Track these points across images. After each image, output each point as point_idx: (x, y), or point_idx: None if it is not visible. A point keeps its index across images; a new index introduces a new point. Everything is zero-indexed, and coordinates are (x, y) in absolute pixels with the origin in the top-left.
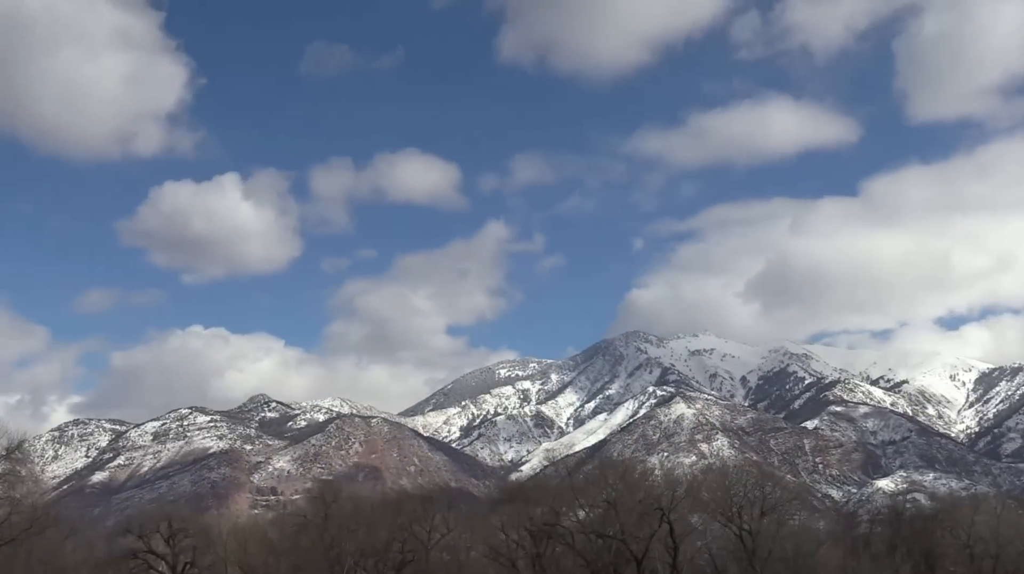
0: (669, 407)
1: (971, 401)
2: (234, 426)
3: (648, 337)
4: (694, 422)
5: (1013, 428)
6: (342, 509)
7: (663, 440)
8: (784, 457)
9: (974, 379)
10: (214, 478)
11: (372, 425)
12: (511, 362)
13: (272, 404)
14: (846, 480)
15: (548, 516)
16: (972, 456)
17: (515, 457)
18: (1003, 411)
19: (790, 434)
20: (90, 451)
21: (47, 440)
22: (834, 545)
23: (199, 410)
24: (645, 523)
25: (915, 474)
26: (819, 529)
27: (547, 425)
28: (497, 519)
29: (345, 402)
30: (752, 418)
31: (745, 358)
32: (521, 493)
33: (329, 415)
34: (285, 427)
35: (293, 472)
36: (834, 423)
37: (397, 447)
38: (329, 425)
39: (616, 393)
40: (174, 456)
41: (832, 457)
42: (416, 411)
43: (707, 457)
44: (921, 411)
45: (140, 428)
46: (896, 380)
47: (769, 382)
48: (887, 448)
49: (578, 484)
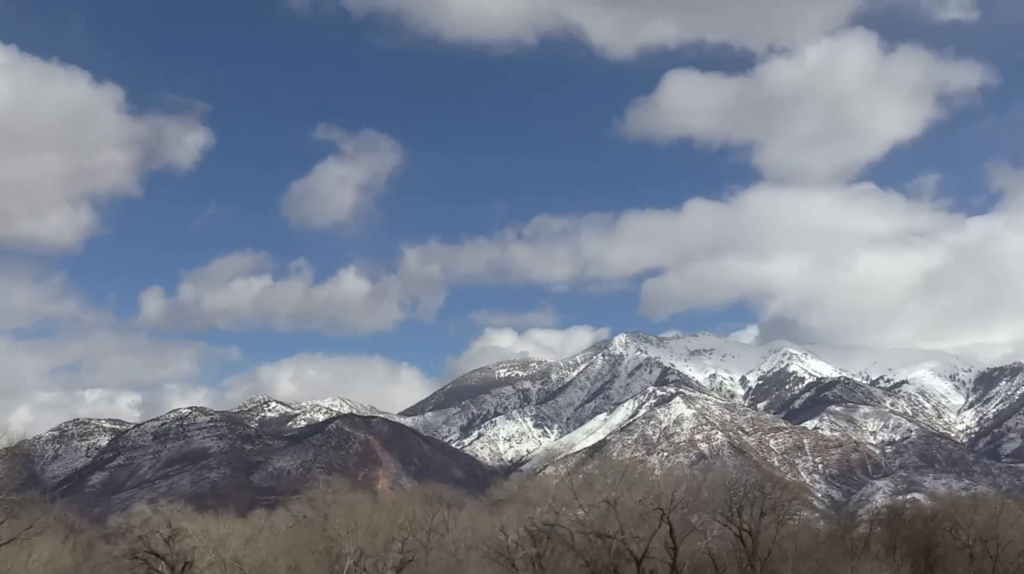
0: (669, 407)
1: (971, 401)
2: (234, 426)
3: (648, 337)
4: (694, 422)
5: (1013, 428)
6: (342, 509)
7: (663, 440)
8: (784, 457)
9: (974, 379)
10: (214, 478)
11: (372, 425)
12: (511, 362)
13: (272, 404)
14: (846, 480)
15: (548, 516)
16: (972, 456)
17: (515, 457)
18: (1003, 411)
19: (790, 434)
20: (90, 451)
21: (47, 440)
22: (834, 545)
23: (199, 410)
24: (645, 523)
25: (915, 474)
26: (819, 529)
27: (547, 425)
28: (497, 519)
29: (345, 402)
30: (752, 418)
31: (745, 358)
32: (521, 493)
33: (329, 415)
34: (285, 427)
35: (293, 472)
36: (834, 423)
37: (397, 447)
38: (329, 425)
39: (616, 393)
40: (174, 456)
41: (832, 457)
42: (416, 411)
43: (707, 457)
44: (921, 411)
45: (140, 428)
46: (896, 380)
47: (769, 382)
48: (887, 448)
49: (578, 484)
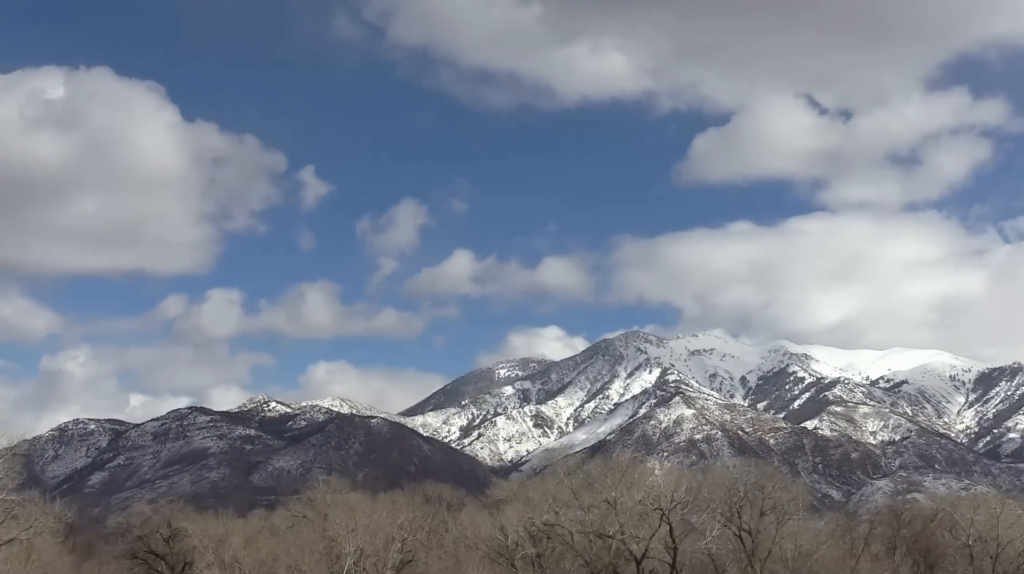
0: (669, 407)
1: (971, 401)
2: (234, 426)
3: (648, 337)
4: (694, 422)
5: (1013, 428)
6: (342, 509)
7: (663, 440)
8: (784, 457)
9: (974, 379)
10: (214, 478)
11: (372, 425)
12: (511, 362)
13: (272, 404)
14: (846, 480)
15: (548, 516)
16: (972, 456)
17: (515, 457)
18: (1003, 411)
19: (790, 434)
20: (90, 451)
21: (47, 440)
22: (834, 545)
23: (199, 410)
24: (645, 523)
25: (915, 474)
26: (819, 529)
27: (547, 425)
28: (497, 519)
29: (345, 402)
30: (752, 418)
31: (745, 358)
32: (521, 493)
33: (329, 415)
34: (285, 427)
35: (293, 472)
36: (834, 423)
37: (397, 447)
38: (329, 425)
39: (616, 393)
40: (174, 456)
41: (832, 457)
42: (416, 411)
43: (707, 457)
44: (921, 411)
45: (140, 428)
46: (896, 380)
47: (769, 382)
48: (887, 448)
49: (578, 484)
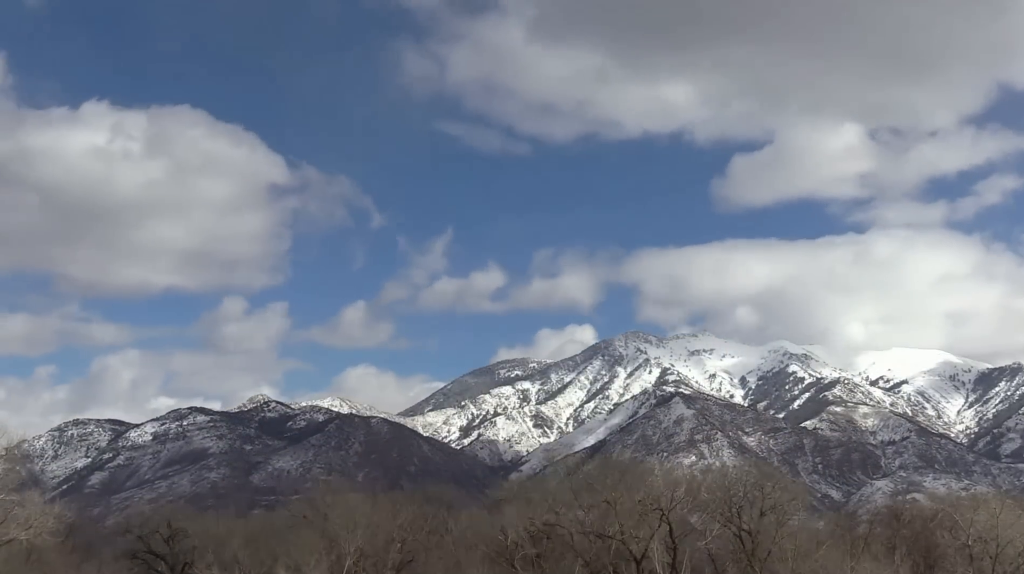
0: (669, 407)
1: (971, 401)
2: (234, 426)
3: (648, 337)
4: (694, 422)
5: (1012, 428)
6: (342, 509)
7: (663, 440)
8: (784, 457)
9: (973, 379)
10: (214, 478)
11: (372, 425)
12: (511, 362)
13: (272, 404)
14: (846, 480)
15: (548, 516)
16: (971, 456)
17: (515, 457)
18: (1003, 411)
19: (790, 434)
20: (90, 451)
21: (47, 440)
22: (834, 545)
23: (199, 410)
24: (645, 523)
25: (915, 474)
26: (819, 529)
27: (547, 425)
28: (497, 519)
29: (345, 402)
30: (752, 418)
31: (745, 358)
32: (521, 493)
33: (329, 415)
34: (285, 427)
35: (293, 472)
36: (834, 423)
37: (397, 447)
38: (329, 425)
39: (616, 393)
40: (174, 456)
41: (832, 457)
42: (416, 411)
43: (707, 457)
44: (920, 411)
45: (140, 428)
46: (896, 380)
47: (769, 382)
48: (887, 448)
49: (578, 484)
